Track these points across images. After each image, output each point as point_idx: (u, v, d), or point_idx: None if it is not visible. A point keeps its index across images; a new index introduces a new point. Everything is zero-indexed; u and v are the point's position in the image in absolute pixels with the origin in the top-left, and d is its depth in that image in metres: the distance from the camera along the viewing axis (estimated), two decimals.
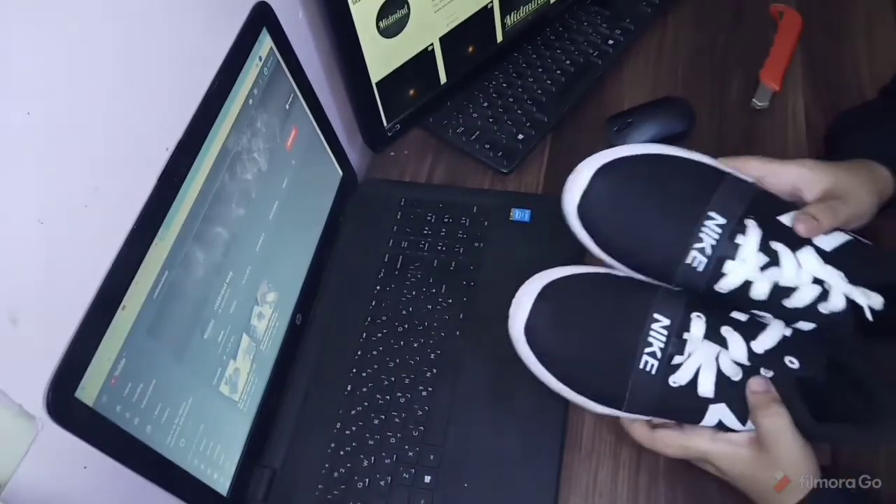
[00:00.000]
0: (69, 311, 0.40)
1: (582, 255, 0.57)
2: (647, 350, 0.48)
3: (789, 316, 0.48)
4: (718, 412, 0.48)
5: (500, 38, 0.79)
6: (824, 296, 0.46)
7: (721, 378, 0.47)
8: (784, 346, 0.47)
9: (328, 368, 0.63)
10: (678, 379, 0.47)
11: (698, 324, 0.47)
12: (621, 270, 0.53)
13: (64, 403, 0.38)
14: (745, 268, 0.46)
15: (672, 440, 0.50)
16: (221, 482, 0.53)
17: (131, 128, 0.45)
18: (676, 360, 0.47)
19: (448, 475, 0.56)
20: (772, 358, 0.46)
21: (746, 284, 0.47)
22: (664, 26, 0.86)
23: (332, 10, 0.63)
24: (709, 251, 0.47)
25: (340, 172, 0.72)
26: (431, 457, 0.57)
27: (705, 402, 0.48)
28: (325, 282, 0.68)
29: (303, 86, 0.63)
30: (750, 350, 0.47)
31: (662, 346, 0.47)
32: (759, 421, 0.47)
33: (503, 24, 0.79)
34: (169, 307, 0.47)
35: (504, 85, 0.80)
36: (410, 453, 0.57)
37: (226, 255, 0.53)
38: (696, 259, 0.47)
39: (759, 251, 0.46)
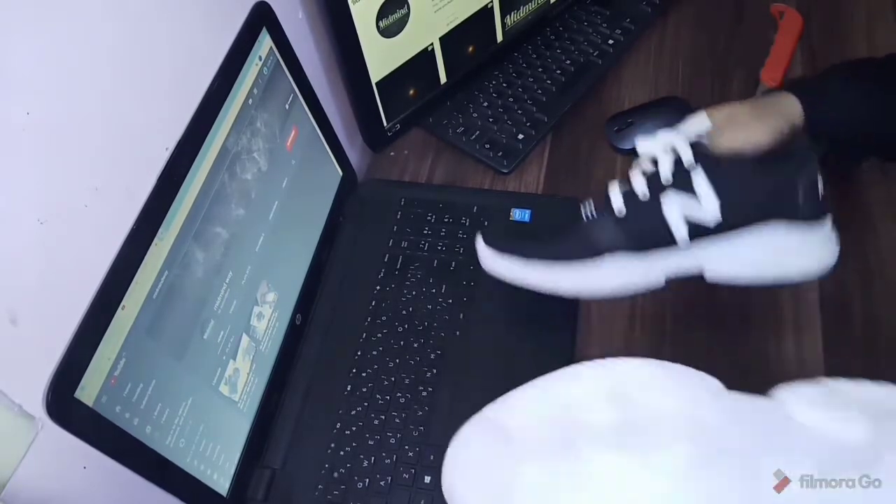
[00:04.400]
0: (69, 311, 0.40)
1: None
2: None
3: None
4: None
5: (500, 37, 0.79)
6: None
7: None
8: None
9: (328, 368, 0.63)
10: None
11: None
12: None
13: (63, 403, 0.38)
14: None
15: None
16: (221, 482, 0.53)
17: (131, 128, 0.45)
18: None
19: None
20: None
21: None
22: (664, 26, 0.86)
23: (332, 10, 0.63)
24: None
25: (340, 172, 0.72)
26: (431, 457, 0.57)
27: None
28: (325, 282, 0.68)
29: (303, 86, 0.63)
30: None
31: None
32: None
33: (503, 24, 0.79)
34: (168, 307, 0.47)
35: (504, 85, 0.80)
36: (410, 453, 0.57)
37: (225, 255, 0.53)
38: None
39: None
